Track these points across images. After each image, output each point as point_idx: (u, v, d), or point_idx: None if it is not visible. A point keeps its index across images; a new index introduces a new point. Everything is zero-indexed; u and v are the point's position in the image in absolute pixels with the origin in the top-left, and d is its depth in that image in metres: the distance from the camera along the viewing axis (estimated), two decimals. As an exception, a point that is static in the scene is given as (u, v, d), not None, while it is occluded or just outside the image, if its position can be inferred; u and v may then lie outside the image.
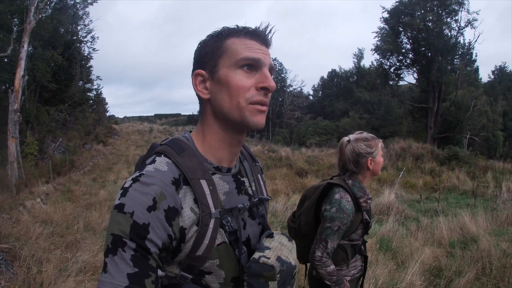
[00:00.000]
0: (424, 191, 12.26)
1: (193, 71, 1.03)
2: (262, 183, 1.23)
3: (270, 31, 1.03)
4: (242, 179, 1.11)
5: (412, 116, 34.74)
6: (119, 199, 0.86)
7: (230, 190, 1.04)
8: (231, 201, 1.02)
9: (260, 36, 1.01)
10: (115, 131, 33.56)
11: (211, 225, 0.93)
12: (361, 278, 2.24)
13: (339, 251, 2.07)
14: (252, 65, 0.97)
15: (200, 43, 1.04)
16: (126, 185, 0.88)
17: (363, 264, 2.21)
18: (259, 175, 1.23)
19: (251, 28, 1.01)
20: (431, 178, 14.38)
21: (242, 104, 0.96)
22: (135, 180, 0.88)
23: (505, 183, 10.17)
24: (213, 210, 0.94)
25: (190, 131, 1.09)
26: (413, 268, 4.39)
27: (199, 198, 0.93)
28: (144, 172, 0.90)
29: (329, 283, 1.95)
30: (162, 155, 0.97)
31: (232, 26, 1.01)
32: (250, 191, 1.12)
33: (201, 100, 1.04)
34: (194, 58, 1.05)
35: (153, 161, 0.95)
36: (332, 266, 1.96)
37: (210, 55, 1.00)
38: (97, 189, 12.43)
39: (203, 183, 0.95)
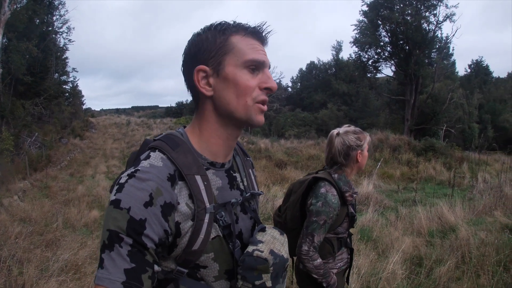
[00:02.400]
0: (402, 181, 12.53)
1: (190, 65, 1.01)
2: (253, 177, 1.25)
3: (269, 32, 1.05)
4: (234, 174, 1.12)
5: (389, 108, 35.30)
6: (115, 195, 0.86)
7: (223, 185, 1.05)
8: (223, 196, 1.04)
9: (261, 36, 1.03)
10: (92, 124, 32.76)
11: (206, 220, 0.95)
12: (347, 270, 2.27)
13: (325, 244, 2.08)
14: (257, 66, 1.00)
15: (197, 36, 1.01)
16: (122, 180, 0.88)
17: (349, 256, 2.24)
18: (250, 170, 1.24)
19: (252, 27, 1.02)
20: (408, 168, 14.68)
21: (249, 103, 0.99)
22: (130, 175, 0.88)
23: (480, 173, 10.38)
24: (207, 205, 0.95)
25: (184, 126, 1.09)
26: (394, 258, 4.44)
27: (194, 193, 0.94)
28: (139, 168, 0.90)
29: (316, 277, 1.97)
30: (157, 151, 0.97)
31: (232, 22, 1.01)
32: (241, 186, 1.14)
33: (201, 96, 1.02)
34: (190, 51, 1.02)
35: (148, 157, 0.95)
36: (319, 260, 1.98)
37: (215, 51, 0.98)
38: (75, 184, 12.21)
39: (198, 178, 0.96)
